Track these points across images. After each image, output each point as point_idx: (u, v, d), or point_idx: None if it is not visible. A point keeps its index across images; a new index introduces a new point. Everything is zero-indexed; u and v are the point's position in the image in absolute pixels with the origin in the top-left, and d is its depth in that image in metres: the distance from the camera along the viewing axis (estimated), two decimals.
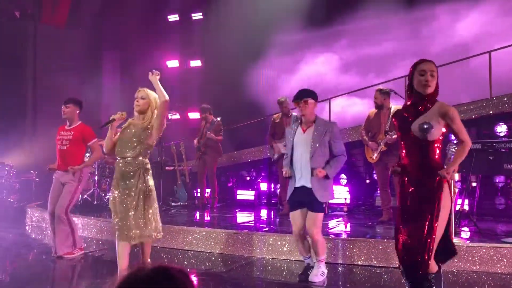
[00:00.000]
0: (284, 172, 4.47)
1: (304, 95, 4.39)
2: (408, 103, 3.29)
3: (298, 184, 4.38)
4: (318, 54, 11.21)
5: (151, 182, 4.19)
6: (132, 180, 4.08)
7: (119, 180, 4.12)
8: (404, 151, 3.27)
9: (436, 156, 3.16)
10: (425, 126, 3.06)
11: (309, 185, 4.30)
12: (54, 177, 5.61)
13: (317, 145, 4.29)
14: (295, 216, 4.45)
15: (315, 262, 4.54)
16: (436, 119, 3.09)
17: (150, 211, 4.14)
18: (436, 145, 3.14)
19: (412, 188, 3.18)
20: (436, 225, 3.05)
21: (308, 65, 11.30)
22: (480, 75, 8.16)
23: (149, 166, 4.23)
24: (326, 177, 4.29)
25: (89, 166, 5.90)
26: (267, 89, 11.56)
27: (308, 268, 4.57)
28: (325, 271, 4.53)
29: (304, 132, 4.40)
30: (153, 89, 4.26)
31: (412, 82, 3.22)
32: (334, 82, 10.70)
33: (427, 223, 3.04)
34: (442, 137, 3.17)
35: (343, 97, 10.19)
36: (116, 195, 4.12)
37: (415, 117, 3.17)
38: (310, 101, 4.37)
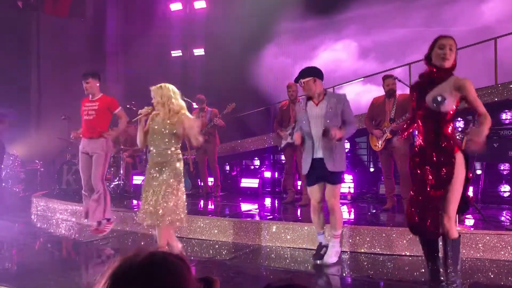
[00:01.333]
0: (296, 138, 4.56)
1: (302, 75, 4.50)
2: (423, 75, 3.36)
3: (316, 156, 4.48)
4: (326, 41, 11.06)
5: (181, 171, 4.40)
6: (164, 169, 4.32)
7: (152, 168, 4.37)
8: (420, 124, 3.35)
9: (450, 130, 3.26)
10: (439, 98, 3.13)
11: (324, 155, 4.43)
12: (80, 152, 5.78)
13: (331, 116, 4.41)
14: (313, 190, 4.59)
15: (329, 239, 4.64)
16: (450, 91, 3.17)
17: (180, 197, 4.34)
18: (449, 118, 3.24)
19: (429, 164, 3.27)
20: (455, 195, 3.22)
21: (316, 52, 11.18)
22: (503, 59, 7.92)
23: (180, 155, 4.46)
24: (339, 140, 4.38)
25: (121, 131, 5.99)
26: (270, 78, 11.51)
27: (321, 247, 4.67)
28: (339, 249, 4.58)
29: (316, 106, 4.52)
30: (158, 82, 4.41)
31: (430, 55, 3.28)
32: (352, 68, 10.48)
33: (449, 194, 3.20)
34: (453, 112, 3.25)
35: (358, 83, 10.05)
36: (149, 182, 4.36)
37: (430, 89, 3.24)
38: (308, 79, 4.47)
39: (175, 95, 4.39)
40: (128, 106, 7.90)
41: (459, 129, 7.79)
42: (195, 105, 8.53)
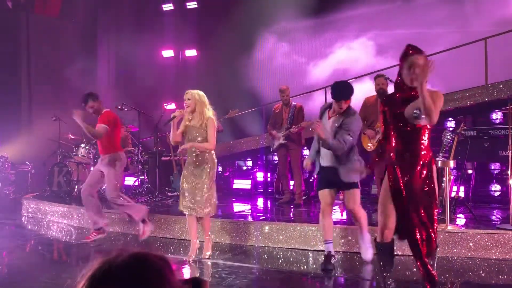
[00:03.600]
0: (305, 164, 4.71)
1: (346, 96, 4.35)
2: (398, 91, 3.37)
3: (324, 164, 4.53)
4: (326, 41, 10.94)
5: (214, 171, 4.97)
6: (201, 167, 4.86)
7: (191, 166, 4.91)
8: (393, 139, 3.36)
9: (426, 142, 3.29)
10: (418, 112, 3.14)
11: (332, 164, 4.45)
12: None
13: (334, 135, 4.37)
14: (324, 194, 4.55)
15: (361, 237, 4.68)
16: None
17: (211, 193, 4.90)
18: (425, 131, 3.26)
19: (407, 176, 3.29)
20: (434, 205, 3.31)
21: (322, 51, 11.06)
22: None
23: (215, 159, 4.97)
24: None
25: (88, 130, 5.67)
26: (263, 78, 11.51)
27: (330, 256, 4.47)
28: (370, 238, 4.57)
29: (329, 118, 4.51)
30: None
31: (401, 71, 3.29)
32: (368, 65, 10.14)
33: (430, 205, 3.27)
34: (430, 126, 3.27)
35: (368, 82, 9.85)
36: (187, 179, 4.89)
37: (406, 104, 3.24)
38: (345, 103, 4.35)
39: (208, 104, 4.91)
40: (119, 107, 7.86)
41: (450, 128, 7.84)
42: None
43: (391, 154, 3.36)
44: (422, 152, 3.27)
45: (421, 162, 3.27)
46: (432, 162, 3.32)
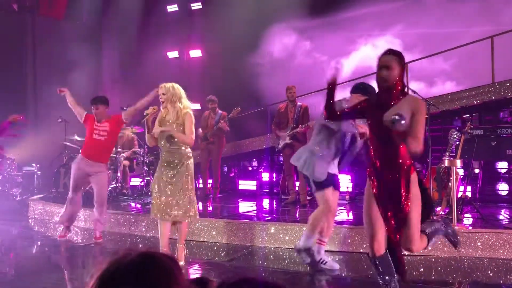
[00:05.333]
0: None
1: (364, 91, 4.10)
2: (378, 93, 3.25)
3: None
4: (327, 40, 10.91)
5: (192, 168, 4.56)
6: (176, 168, 4.45)
7: (164, 167, 4.50)
8: (372, 145, 3.24)
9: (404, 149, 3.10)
10: (397, 118, 2.91)
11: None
12: (77, 169, 5.72)
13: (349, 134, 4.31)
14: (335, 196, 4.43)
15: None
16: (407, 111, 3.00)
17: (190, 194, 4.51)
18: (397, 139, 3.08)
19: (386, 184, 3.16)
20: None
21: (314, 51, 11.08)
22: None
23: (190, 154, 4.59)
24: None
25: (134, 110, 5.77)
26: (268, 78, 11.48)
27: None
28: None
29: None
30: (155, 84, 4.59)
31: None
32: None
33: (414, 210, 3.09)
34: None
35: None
36: (160, 180, 4.47)
37: (385, 108, 3.08)
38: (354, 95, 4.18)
39: (184, 96, 4.55)
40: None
41: (457, 128, 7.80)
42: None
43: (375, 160, 3.22)
44: (400, 160, 3.11)
45: (402, 169, 3.10)
46: (411, 169, 3.13)
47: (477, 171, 7.53)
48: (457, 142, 5.73)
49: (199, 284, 1.11)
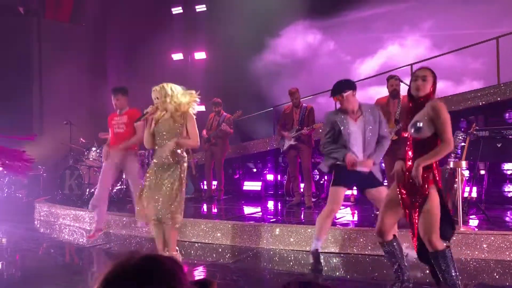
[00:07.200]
0: (349, 160, 4.22)
1: (341, 88, 4.25)
2: (410, 100, 3.52)
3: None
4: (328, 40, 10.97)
5: (184, 171, 4.34)
6: (169, 171, 4.24)
7: (157, 169, 4.29)
8: (409, 148, 3.49)
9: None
10: (417, 125, 3.26)
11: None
12: (105, 161, 5.86)
13: (370, 134, 4.30)
14: (339, 193, 4.39)
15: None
16: (426, 117, 3.27)
17: (179, 198, 4.27)
18: (438, 142, 3.29)
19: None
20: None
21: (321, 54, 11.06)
22: None
23: (186, 158, 4.39)
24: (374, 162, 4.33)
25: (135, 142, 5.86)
26: (272, 80, 11.49)
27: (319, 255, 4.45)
28: None
29: (355, 122, 4.32)
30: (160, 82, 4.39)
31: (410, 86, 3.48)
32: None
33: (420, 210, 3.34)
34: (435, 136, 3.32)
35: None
36: (152, 183, 4.27)
37: (412, 116, 3.39)
38: (348, 93, 4.24)
39: (174, 93, 4.28)
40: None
41: (462, 129, 7.76)
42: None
43: (408, 161, 3.44)
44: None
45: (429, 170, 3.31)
46: (434, 169, 3.34)
47: (482, 172, 7.49)
48: (463, 144, 5.71)
49: (203, 286, 1.11)
